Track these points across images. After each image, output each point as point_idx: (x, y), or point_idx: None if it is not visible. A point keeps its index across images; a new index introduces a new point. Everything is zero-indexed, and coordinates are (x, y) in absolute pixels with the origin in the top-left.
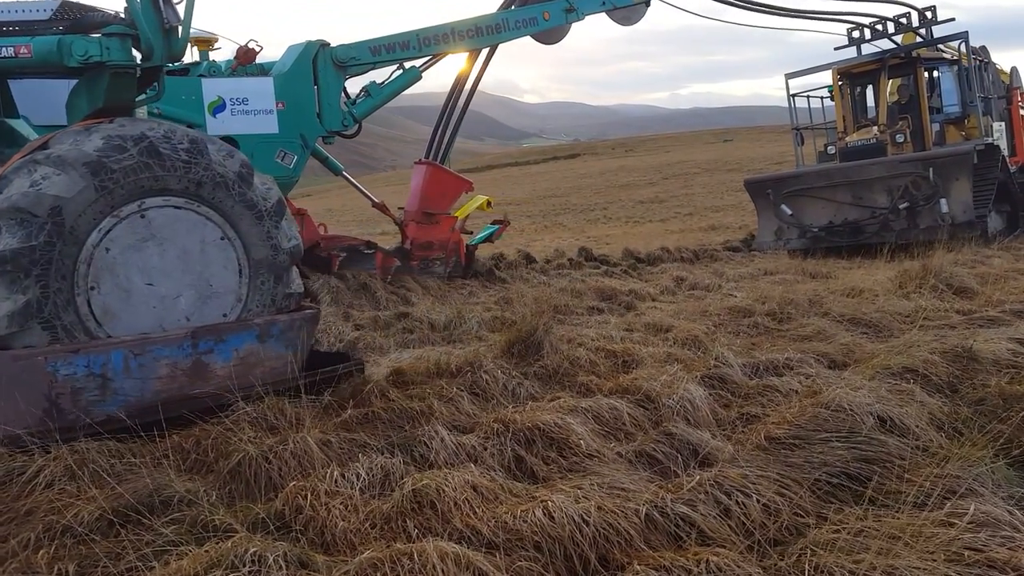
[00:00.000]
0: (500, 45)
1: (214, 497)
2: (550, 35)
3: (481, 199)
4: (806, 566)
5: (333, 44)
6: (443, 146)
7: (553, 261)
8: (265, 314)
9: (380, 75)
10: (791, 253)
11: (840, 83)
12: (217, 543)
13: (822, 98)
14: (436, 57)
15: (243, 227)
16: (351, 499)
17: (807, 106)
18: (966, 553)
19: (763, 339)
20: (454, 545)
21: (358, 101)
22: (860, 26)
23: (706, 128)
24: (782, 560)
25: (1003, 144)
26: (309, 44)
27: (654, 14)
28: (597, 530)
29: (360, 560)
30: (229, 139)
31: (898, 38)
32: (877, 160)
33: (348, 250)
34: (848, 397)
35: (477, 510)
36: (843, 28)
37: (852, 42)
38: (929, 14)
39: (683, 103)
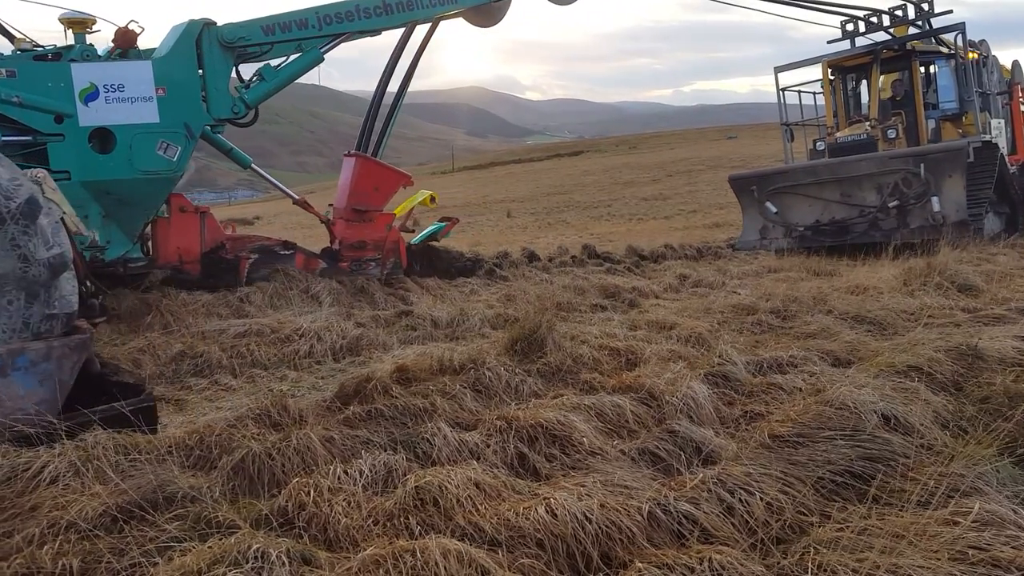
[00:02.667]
0: (442, 25)
1: (217, 493)
2: (482, 16)
3: (424, 195)
4: (809, 564)
5: (222, 23)
6: (375, 137)
7: (556, 258)
8: (14, 341)
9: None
10: (778, 252)
11: (831, 77)
12: (220, 539)
13: (814, 93)
14: (341, 37)
15: None
16: (354, 496)
17: (799, 102)
18: (970, 552)
19: (767, 337)
20: (456, 542)
21: (251, 86)
22: (854, 19)
23: (710, 125)
24: (785, 558)
25: (1002, 142)
26: (192, 23)
27: (655, 10)
28: (600, 528)
29: (363, 557)
30: (105, 130)
31: (894, 31)
32: (866, 156)
33: (260, 251)
34: (852, 395)
35: (480, 507)
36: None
37: (846, 35)
38: (925, 6)
39: (687, 100)
